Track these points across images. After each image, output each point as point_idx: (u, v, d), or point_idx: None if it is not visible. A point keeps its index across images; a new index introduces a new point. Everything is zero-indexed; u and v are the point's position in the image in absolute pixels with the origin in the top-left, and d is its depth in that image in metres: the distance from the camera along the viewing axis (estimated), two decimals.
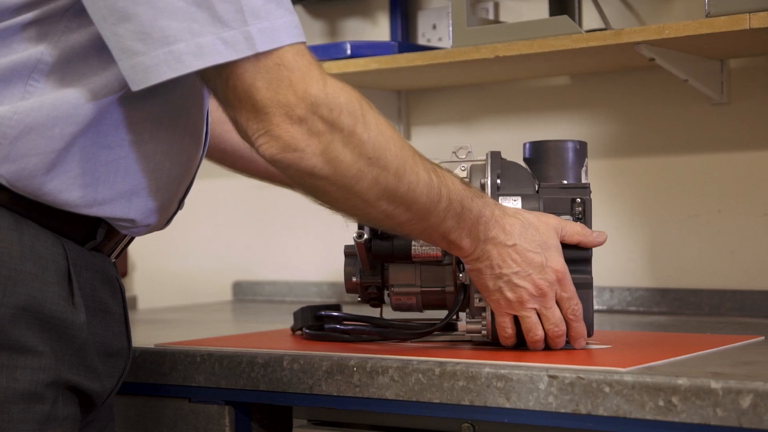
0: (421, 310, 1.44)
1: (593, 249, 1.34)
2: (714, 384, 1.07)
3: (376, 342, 1.43)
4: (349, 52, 1.93)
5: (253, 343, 1.45)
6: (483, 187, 1.37)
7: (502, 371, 1.19)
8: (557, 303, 1.29)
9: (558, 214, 1.34)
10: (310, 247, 2.31)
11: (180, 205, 1.31)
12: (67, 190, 1.14)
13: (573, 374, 1.15)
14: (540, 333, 1.29)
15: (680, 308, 1.93)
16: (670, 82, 1.89)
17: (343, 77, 1.96)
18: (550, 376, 1.16)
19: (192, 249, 2.51)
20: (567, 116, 2.07)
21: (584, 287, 1.31)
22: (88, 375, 1.18)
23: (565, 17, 1.73)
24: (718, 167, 1.92)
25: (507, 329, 1.30)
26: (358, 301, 1.48)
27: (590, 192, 1.37)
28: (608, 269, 2.01)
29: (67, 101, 1.11)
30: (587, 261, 1.33)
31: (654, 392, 1.10)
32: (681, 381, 1.09)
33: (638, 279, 1.99)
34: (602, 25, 1.88)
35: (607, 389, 1.13)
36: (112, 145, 1.16)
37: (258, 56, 1.07)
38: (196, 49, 1.06)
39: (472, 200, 1.23)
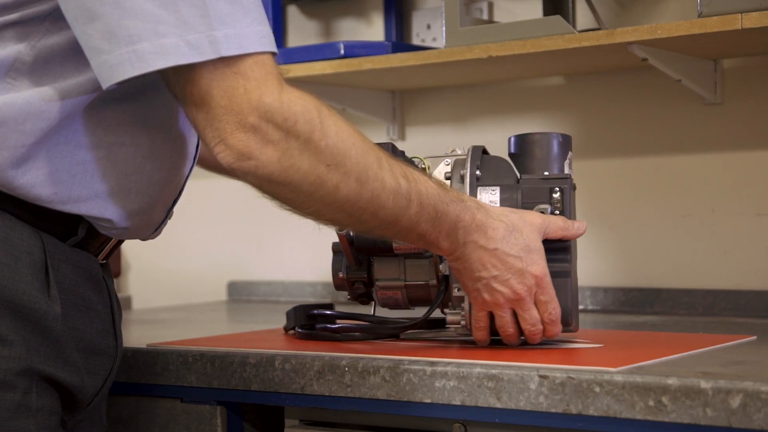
0: (408, 306, 1.44)
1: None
2: (704, 384, 1.07)
3: (366, 340, 1.43)
4: (342, 51, 1.93)
5: (245, 343, 1.45)
6: (462, 178, 1.37)
7: (493, 371, 1.19)
8: (536, 305, 1.30)
9: (536, 203, 1.34)
10: (305, 247, 2.31)
11: (168, 213, 1.32)
12: (40, 186, 1.15)
13: (563, 374, 1.15)
14: (512, 330, 1.31)
15: (673, 308, 1.93)
16: (663, 82, 1.89)
17: (336, 77, 2.00)
18: (540, 376, 1.17)
19: (187, 249, 2.51)
20: (561, 116, 2.07)
21: (561, 275, 1.32)
22: (66, 368, 1.19)
23: (558, 17, 1.73)
24: (711, 167, 1.92)
25: (480, 324, 1.32)
26: (348, 299, 1.48)
27: (572, 183, 1.37)
28: (602, 269, 2.01)
29: (39, 98, 1.13)
30: (565, 250, 1.33)
31: (644, 392, 1.10)
32: (671, 381, 1.09)
33: (632, 279, 1.99)
34: (596, 26, 1.88)
35: (597, 389, 1.13)
36: (90, 145, 1.17)
37: (216, 63, 1.08)
38: (160, 49, 1.07)
39: (448, 205, 1.23)
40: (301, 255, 2.34)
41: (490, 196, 1.35)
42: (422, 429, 1.30)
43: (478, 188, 1.36)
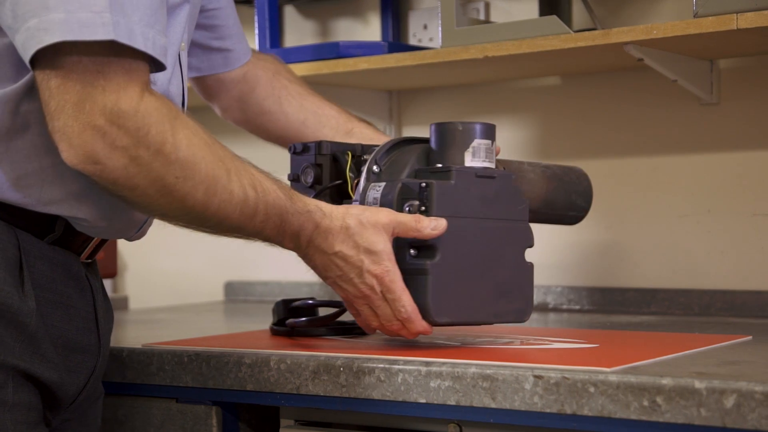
0: None
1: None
2: (698, 384, 1.07)
3: (333, 336, 1.48)
4: (338, 52, 1.93)
5: (240, 344, 1.45)
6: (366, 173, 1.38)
7: (488, 371, 1.19)
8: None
9: (409, 199, 1.32)
10: None
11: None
12: (9, 191, 1.17)
13: (558, 374, 1.15)
14: (374, 324, 1.33)
15: (670, 308, 1.93)
16: (659, 83, 1.89)
17: (333, 77, 2.00)
18: (535, 376, 1.16)
19: (184, 249, 2.51)
20: (557, 117, 2.07)
21: (419, 273, 1.31)
22: (43, 364, 1.19)
23: (553, 17, 1.73)
24: (707, 167, 1.92)
25: (358, 318, 1.35)
26: None
27: (454, 174, 1.33)
28: (598, 269, 2.01)
29: None
30: (430, 248, 1.31)
31: (638, 392, 1.10)
32: (665, 381, 1.09)
33: (628, 279, 1.99)
34: (593, 26, 1.88)
35: (592, 389, 1.13)
36: (55, 148, 1.16)
37: (82, 60, 1.07)
38: (48, 24, 1.06)
39: (293, 215, 1.25)
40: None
41: (374, 193, 1.36)
42: (417, 429, 1.30)
43: (371, 184, 1.37)
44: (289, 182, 1.47)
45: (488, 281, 1.34)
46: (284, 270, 2.38)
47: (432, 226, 1.30)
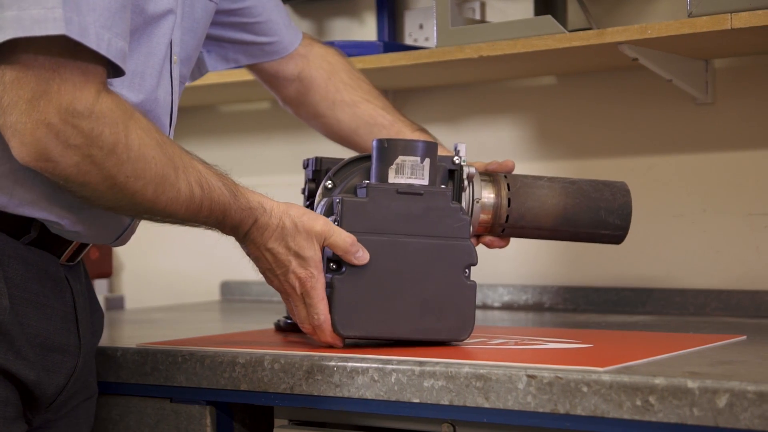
0: None
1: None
2: (690, 383, 1.07)
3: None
4: None
5: (234, 343, 1.45)
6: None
7: (482, 371, 1.19)
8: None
9: (331, 215, 1.36)
10: None
11: (133, 220, 1.33)
12: None
13: (551, 374, 1.15)
14: (304, 323, 1.36)
15: (665, 308, 1.93)
16: (654, 82, 1.89)
17: None
18: (528, 376, 1.17)
19: (180, 249, 2.51)
20: (553, 116, 2.07)
21: (328, 286, 1.34)
22: (18, 361, 1.20)
23: (548, 17, 1.73)
24: (703, 167, 1.92)
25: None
26: None
27: (368, 191, 1.35)
28: (594, 269, 2.02)
29: None
30: (338, 262, 1.34)
31: (631, 392, 1.10)
32: (658, 380, 1.09)
33: (624, 279, 1.99)
34: (588, 26, 1.88)
35: (585, 389, 1.13)
36: None
37: (38, 58, 1.08)
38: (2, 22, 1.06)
39: (235, 212, 1.29)
40: None
41: (320, 208, 1.40)
42: (411, 429, 1.30)
43: (322, 199, 1.42)
44: (302, 195, 1.52)
45: (410, 297, 1.34)
46: None
47: (358, 254, 1.33)
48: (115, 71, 1.15)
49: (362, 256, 1.33)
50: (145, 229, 1.46)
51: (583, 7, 1.90)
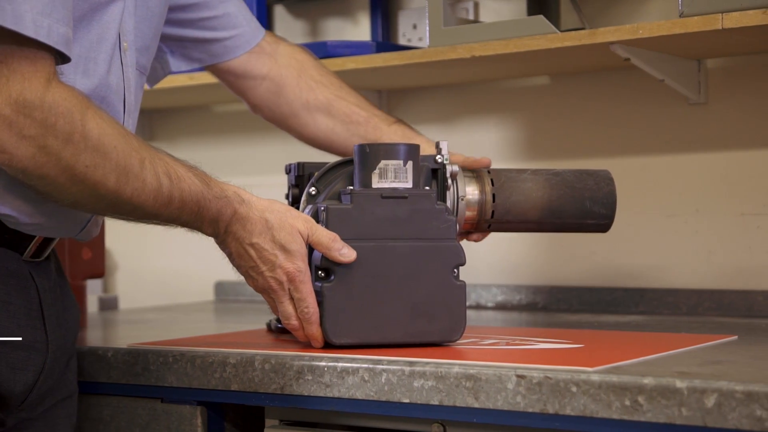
0: None
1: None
2: (679, 383, 1.07)
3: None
4: (326, 51, 1.93)
5: (225, 344, 1.45)
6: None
7: (471, 371, 1.19)
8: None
9: (317, 221, 1.36)
10: None
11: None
12: None
13: (541, 374, 1.15)
14: (291, 319, 1.35)
15: (658, 308, 1.93)
16: (647, 82, 1.89)
17: None
18: (518, 376, 1.17)
19: (174, 249, 2.51)
20: (546, 116, 2.07)
21: (318, 295, 1.34)
22: None
23: (540, 17, 1.73)
24: (695, 167, 1.92)
25: (271, 305, 1.37)
26: None
27: (353, 197, 1.35)
28: (586, 269, 2.02)
29: None
30: (327, 270, 1.34)
31: (620, 392, 1.10)
32: (647, 380, 1.09)
33: (616, 279, 1.99)
34: (581, 26, 1.88)
35: (574, 389, 1.13)
36: None
37: None
38: None
39: (210, 201, 1.28)
40: None
41: (306, 212, 1.40)
42: (401, 429, 1.30)
43: (307, 206, 1.42)
44: (286, 201, 1.51)
45: (401, 302, 1.35)
46: None
47: (343, 251, 1.32)
48: (62, 58, 1.15)
49: (347, 253, 1.33)
50: (140, 229, 1.46)
51: (575, 7, 1.90)
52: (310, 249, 1.36)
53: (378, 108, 1.70)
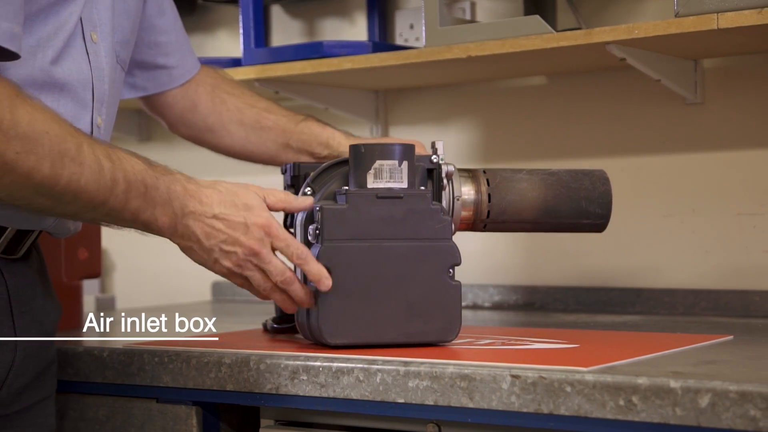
0: None
1: None
2: (673, 383, 1.07)
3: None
4: (322, 51, 1.93)
5: (220, 344, 1.45)
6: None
7: (466, 371, 1.19)
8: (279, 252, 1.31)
9: (311, 223, 1.36)
10: None
11: None
12: None
13: (535, 374, 1.15)
14: (269, 285, 1.31)
15: (655, 308, 1.93)
16: (643, 82, 1.89)
17: (317, 77, 2.00)
18: (512, 376, 1.17)
19: (172, 249, 2.48)
20: (543, 116, 2.07)
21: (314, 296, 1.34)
22: None
23: (536, 17, 1.73)
24: (692, 167, 1.92)
25: (253, 290, 1.32)
26: None
27: (348, 198, 1.35)
28: (583, 269, 2.02)
29: None
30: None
31: (614, 392, 1.10)
32: (641, 380, 1.09)
33: (613, 279, 1.99)
34: (578, 26, 1.88)
35: (568, 389, 1.13)
36: None
37: None
38: None
39: (157, 178, 1.24)
40: None
41: (300, 217, 1.39)
42: (396, 429, 1.30)
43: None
44: None
45: (396, 302, 1.34)
46: None
47: (301, 200, 1.33)
48: (7, 54, 1.14)
49: (303, 200, 1.33)
50: None
51: (572, 7, 1.90)
52: (308, 246, 1.35)
53: (372, 109, 1.70)
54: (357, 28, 2.27)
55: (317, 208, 1.35)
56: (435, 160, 1.45)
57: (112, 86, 1.37)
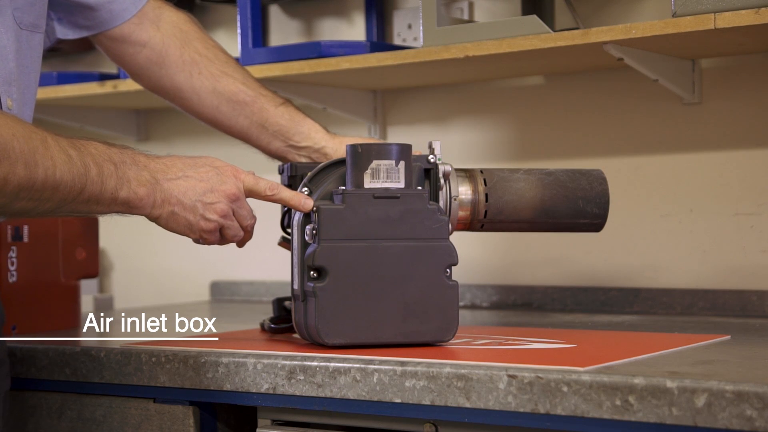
0: None
1: None
2: (669, 383, 1.07)
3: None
4: (320, 51, 1.93)
5: (218, 344, 1.45)
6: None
7: (463, 371, 1.19)
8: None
9: (308, 223, 1.37)
10: None
11: None
12: None
13: (532, 374, 1.15)
14: (240, 232, 1.37)
15: (653, 308, 1.93)
16: (641, 82, 1.89)
17: (315, 77, 2.00)
18: (509, 376, 1.17)
19: (170, 249, 2.51)
20: (540, 116, 2.07)
21: (310, 296, 1.35)
22: None
23: (533, 17, 1.73)
24: (690, 167, 1.92)
25: (219, 241, 1.36)
26: None
27: (345, 198, 1.36)
28: (581, 269, 2.02)
29: None
30: (320, 271, 1.34)
31: (611, 392, 1.10)
32: (637, 380, 1.09)
33: (611, 278, 1.99)
34: (575, 26, 1.88)
35: (565, 389, 1.13)
36: None
37: None
38: None
39: (122, 153, 1.26)
40: (284, 255, 2.33)
41: (297, 217, 1.40)
42: (393, 429, 1.30)
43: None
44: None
45: (393, 302, 1.35)
46: (270, 270, 2.37)
47: (268, 187, 1.36)
48: None
49: (272, 186, 1.35)
50: (135, 228, 1.46)
51: (569, 7, 1.90)
52: (305, 246, 1.36)
53: (370, 109, 1.69)
54: (355, 28, 2.27)
55: (315, 209, 1.35)
56: (432, 160, 1.45)
57: (21, 60, 1.33)
